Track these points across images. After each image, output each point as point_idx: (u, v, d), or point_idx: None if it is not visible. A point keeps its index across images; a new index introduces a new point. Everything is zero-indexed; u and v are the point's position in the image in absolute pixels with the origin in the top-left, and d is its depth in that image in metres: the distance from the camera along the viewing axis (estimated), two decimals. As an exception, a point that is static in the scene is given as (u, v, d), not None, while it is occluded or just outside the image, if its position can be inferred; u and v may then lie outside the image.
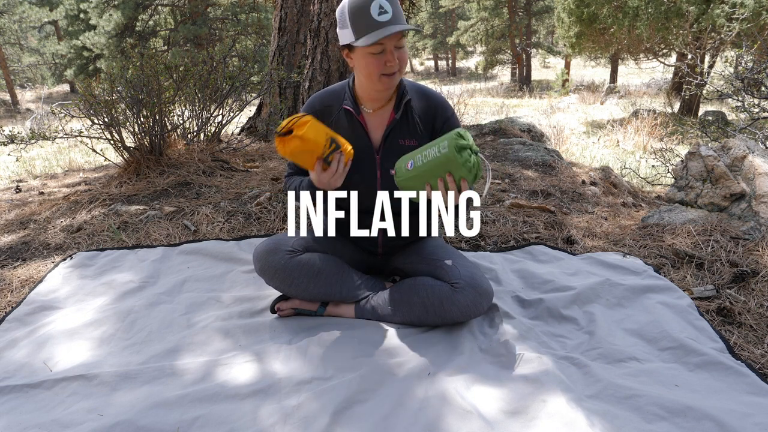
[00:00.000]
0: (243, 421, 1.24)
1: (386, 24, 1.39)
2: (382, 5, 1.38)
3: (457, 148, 1.29)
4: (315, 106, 1.61)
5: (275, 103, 4.94)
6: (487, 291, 1.58)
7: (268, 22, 16.68)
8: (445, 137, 1.34)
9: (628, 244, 2.23)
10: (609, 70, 21.98)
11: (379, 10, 1.38)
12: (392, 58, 1.43)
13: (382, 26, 1.39)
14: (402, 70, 1.49)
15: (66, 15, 19.47)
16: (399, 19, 1.41)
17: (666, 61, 13.27)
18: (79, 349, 1.57)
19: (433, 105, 1.61)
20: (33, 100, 23.51)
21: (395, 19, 1.40)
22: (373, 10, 1.38)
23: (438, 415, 1.23)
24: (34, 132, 3.24)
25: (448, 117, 1.62)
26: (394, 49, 1.43)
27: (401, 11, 1.43)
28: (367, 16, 1.39)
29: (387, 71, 1.45)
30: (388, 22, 1.39)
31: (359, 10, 1.39)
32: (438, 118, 1.61)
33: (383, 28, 1.39)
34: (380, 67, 1.45)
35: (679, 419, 1.21)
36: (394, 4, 1.41)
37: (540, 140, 4.85)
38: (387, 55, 1.43)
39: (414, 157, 1.39)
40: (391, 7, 1.39)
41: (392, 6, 1.40)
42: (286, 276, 1.59)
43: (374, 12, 1.38)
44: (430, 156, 1.34)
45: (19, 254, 2.37)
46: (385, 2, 1.38)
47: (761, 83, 4.55)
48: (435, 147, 1.34)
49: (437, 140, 1.36)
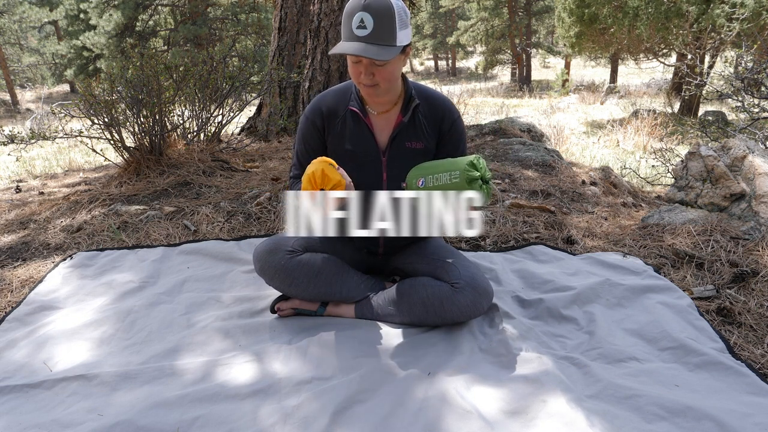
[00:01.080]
0: (243, 421, 1.24)
1: (358, 39, 1.36)
2: (364, 19, 1.34)
3: (468, 180, 1.30)
4: (321, 110, 1.59)
5: (275, 103, 4.94)
6: (487, 291, 1.58)
7: (268, 22, 16.68)
8: (457, 163, 1.34)
9: (628, 244, 2.23)
10: (609, 70, 21.98)
11: (359, 24, 1.35)
12: (366, 73, 1.41)
13: (353, 39, 1.36)
14: (383, 85, 1.45)
15: (66, 15, 19.47)
16: (378, 37, 1.35)
17: (666, 61, 13.27)
18: (79, 349, 1.57)
19: (440, 108, 1.60)
20: (33, 100, 23.51)
21: (373, 36, 1.35)
22: (354, 21, 1.35)
23: (438, 415, 1.23)
24: (34, 132, 3.24)
25: (454, 120, 1.61)
26: (369, 64, 1.40)
27: (389, 30, 1.36)
28: (348, 25, 1.37)
29: (362, 81, 1.44)
30: (361, 37, 1.35)
31: (346, 16, 1.38)
32: (445, 121, 1.60)
33: (352, 42, 1.36)
34: (357, 77, 1.45)
35: (679, 419, 1.21)
36: (379, 20, 1.34)
37: (540, 140, 4.84)
38: (361, 67, 1.42)
39: (425, 175, 1.39)
40: (372, 24, 1.34)
41: (375, 22, 1.34)
42: (286, 276, 1.58)
43: (354, 23, 1.35)
44: (441, 180, 1.34)
45: (19, 254, 2.37)
46: (368, 17, 1.34)
47: (761, 83, 4.55)
48: (447, 174, 1.34)
49: (449, 164, 1.36)
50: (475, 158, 1.34)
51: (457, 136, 1.62)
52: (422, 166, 1.43)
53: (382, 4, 1.34)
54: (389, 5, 1.35)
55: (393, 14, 1.35)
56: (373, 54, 1.34)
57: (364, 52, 1.34)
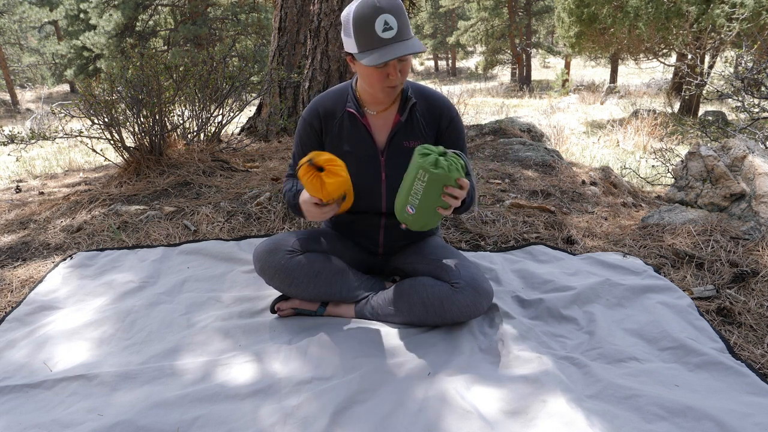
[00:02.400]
0: (243, 421, 1.24)
1: (390, 41, 1.33)
2: (387, 21, 1.31)
3: (432, 165, 1.30)
4: (318, 112, 1.59)
5: (275, 103, 4.94)
6: (487, 291, 1.58)
7: (268, 22, 16.68)
8: (413, 166, 1.34)
9: (628, 244, 2.23)
10: (609, 70, 21.99)
11: (384, 26, 1.32)
12: (395, 72, 1.39)
13: (386, 44, 1.33)
14: (404, 80, 1.46)
15: (66, 15, 19.47)
16: (404, 33, 1.35)
17: (666, 61, 13.27)
18: (79, 349, 1.57)
19: (438, 106, 1.61)
20: (33, 100, 23.51)
21: (400, 34, 1.34)
22: (378, 25, 1.31)
23: (438, 415, 1.23)
24: (34, 132, 3.24)
25: (452, 117, 1.61)
26: (397, 62, 1.39)
27: (407, 23, 1.36)
28: (370, 32, 1.33)
29: (389, 84, 1.43)
30: (392, 39, 1.33)
31: (364, 23, 1.33)
32: (444, 119, 1.60)
33: (387, 47, 1.33)
34: (382, 81, 1.42)
35: (679, 419, 1.21)
36: (399, 17, 1.33)
37: (540, 140, 4.84)
38: (390, 68, 1.39)
39: (408, 201, 1.37)
40: (396, 22, 1.32)
41: (398, 20, 1.32)
42: (286, 276, 1.58)
43: (378, 28, 1.32)
44: (420, 189, 1.34)
45: (19, 254, 2.37)
46: (390, 17, 1.31)
47: (761, 83, 4.55)
48: (418, 181, 1.33)
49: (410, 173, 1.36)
50: (419, 147, 1.34)
51: (456, 134, 1.63)
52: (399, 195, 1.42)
53: (395, 2, 1.35)
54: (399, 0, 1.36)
55: (404, 8, 1.37)
56: (415, 47, 1.33)
57: (411, 48, 1.33)
